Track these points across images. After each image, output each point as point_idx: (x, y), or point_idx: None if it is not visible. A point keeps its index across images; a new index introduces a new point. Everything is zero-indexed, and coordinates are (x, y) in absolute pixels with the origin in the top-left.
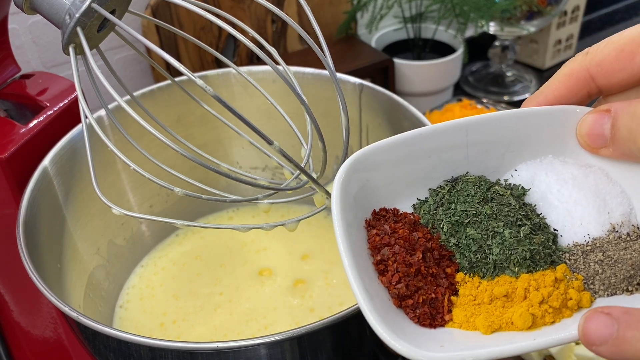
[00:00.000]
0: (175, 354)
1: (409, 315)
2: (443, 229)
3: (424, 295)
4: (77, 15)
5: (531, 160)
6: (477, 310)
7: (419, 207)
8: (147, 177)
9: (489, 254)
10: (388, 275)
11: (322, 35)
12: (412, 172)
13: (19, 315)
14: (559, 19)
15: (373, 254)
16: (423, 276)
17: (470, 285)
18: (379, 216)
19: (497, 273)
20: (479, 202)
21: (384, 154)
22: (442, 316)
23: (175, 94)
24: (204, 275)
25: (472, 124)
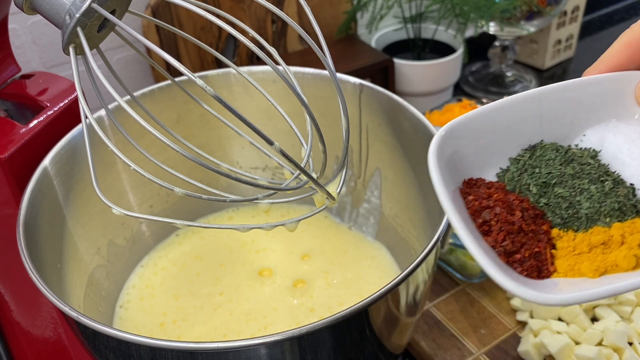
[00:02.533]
0: (175, 354)
1: (517, 269)
2: (532, 191)
3: (529, 250)
4: (77, 15)
5: (597, 125)
6: (579, 259)
7: (502, 175)
8: (147, 177)
9: (579, 208)
10: (493, 235)
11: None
12: (494, 143)
13: (19, 315)
14: (558, 19)
15: (474, 217)
16: (525, 233)
17: (567, 239)
18: (470, 184)
19: (590, 225)
20: (560, 164)
21: (469, 126)
22: (547, 268)
23: (176, 94)
24: (204, 275)
25: (544, 93)
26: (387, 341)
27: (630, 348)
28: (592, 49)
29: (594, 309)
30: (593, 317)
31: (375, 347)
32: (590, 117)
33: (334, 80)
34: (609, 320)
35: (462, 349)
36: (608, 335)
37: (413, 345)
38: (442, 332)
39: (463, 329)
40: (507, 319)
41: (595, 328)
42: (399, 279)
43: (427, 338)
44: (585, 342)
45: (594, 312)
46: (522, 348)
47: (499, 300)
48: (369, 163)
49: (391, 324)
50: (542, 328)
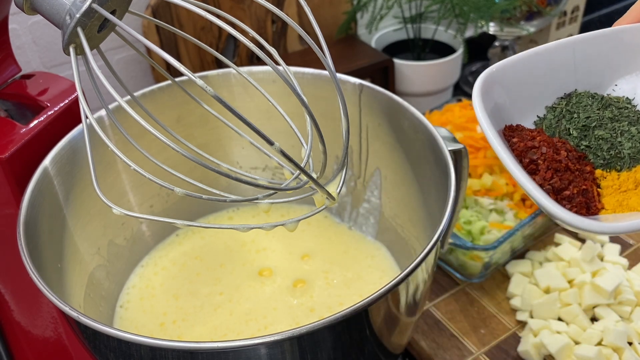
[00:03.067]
0: (175, 353)
1: (566, 206)
2: (572, 134)
3: (577, 187)
4: (78, 15)
5: (628, 75)
6: (626, 195)
7: (540, 123)
8: (148, 177)
9: (621, 149)
10: (541, 173)
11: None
12: (530, 90)
13: (19, 315)
14: (558, 19)
15: (521, 158)
16: (571, 171)
17: (611, 178)
18: (511, 129)
19: (633, 164)
20: (598, 109)
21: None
22: (595, 204)
23: (176, 94)
24: (204, 275)
25: (578, 41)
26: (387, 341)
27: (629, 348)
28: None
29: (594, 309)
30: (593, 317)
31: (375, 347)
32: (622, 66)
33: (334, 80)
34: (609, 320)
35: (462, 348)
36: (608, 335)
37: (413, 345)
38: (442, 331)
39: (463, 328)
40: (507, 318)
41: (594, 328)
42: (399, 279)
43: (427, 338)
44: (585, 342)
45: (593, 312)
46: (521, 348)
47: (499, 300)
48: (369, 163)
49: (391, 324)
50: (541, 328)
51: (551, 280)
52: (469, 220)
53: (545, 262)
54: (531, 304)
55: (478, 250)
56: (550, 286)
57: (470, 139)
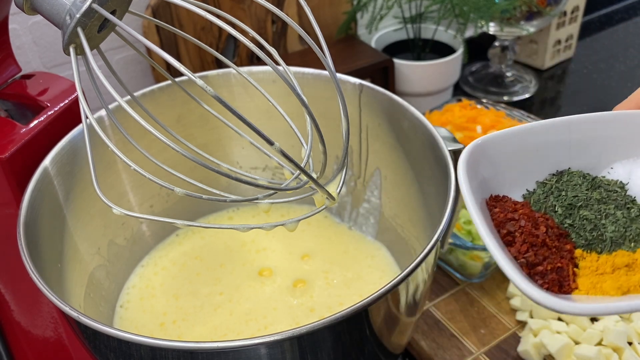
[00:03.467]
0: (176, 353)
1: (539, 282)
2: (557, 212)
3: (552, 264)
4: (78, 15)
5: (625, 160)
6: (602, 279)
7: (528, 196)
8: (148, 177)
9: (604, 231)
10: (517, 246)
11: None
12: (522, 164)
13: (19, 315)
14: (558, 19)
15: (499, 228)
16: (548, 247)
17: (590, 259)
18: (496, 199)
19: (614, 248)
20: (587, 189)
21: (501, 143)
22: (568, 284)
23: (176, 94)
24: (204, 275)
25: (574, 121)
26: (387, 341)
27: (629, 348)
28: (591, 49)
29: None
30: (593, 317)
31: (375, 347)
32: (619, 150)
33: (334, 81)
34: (609, 320)
35: (462, 348)
36: (607, 335)
37: (413, 345)
38: (441, 331)
39: (463, 328)
40: (507, 318)
41: (594, 328)
42: (399, 279)
43: (427, 338)
44: (585, 341)
45: None
46: (521, 348)
47: (499, 300)
48: (369, 163)
49: (391, 324)
50: (541, 328)
51: None
52: (469, 220)
53: None
54: (531, 304)
55: (478, 250)
56: None
57: (470, 139)
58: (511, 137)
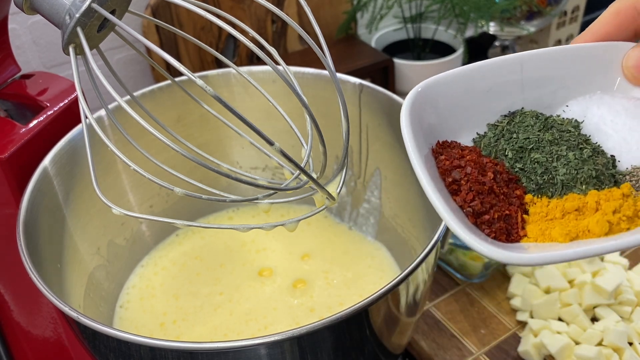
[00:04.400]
0: (175, 354)
1: (485, 231)
2: (507, 155)
3: (499, 212)
4: (77, 15)
5: (581, 97)
6: (551, 224)
7: (479, 140)
8: (147, 177)
9: (555, 174)
10: (462, 194)
11: (322, 35)
12: (471, 107)
13: (19, 315)
14: (558, 19)
15: (444, 177)
16: (496, 194)
17: (540, 205)
18: (443, 146)
19: (565, 192)
20: (539, 130)
21: (446, 86)
22: (517, 231)
23: (176, 94)
24: (204, 275)
25: (526, 58)
26: (387, 341)
27: (630, 348)
28: None
29: (594, 309)
30: (593, 317)
31: (375, 347)
32: (575, 87)
33: (334, 80)
34: (609, 320)
35: (462, 349)
36: (608, 335)
37: (413, 345)
38: (442, 332)
39: (463, 329)
40: (507, 319)
41: (595, 328)
42: (399, 279)
43: (427, 338)
44: (585, 342)
45: (593, 312)
46: (522, 348)
47: (499, 300)
48: (369, 163)
49: (391, 324)
50: (542, 328)
51: (551, 281)
52: None
53: None
54: (531, 304)
55: None
56: (551, 286)
57: None
58: (457, 79)
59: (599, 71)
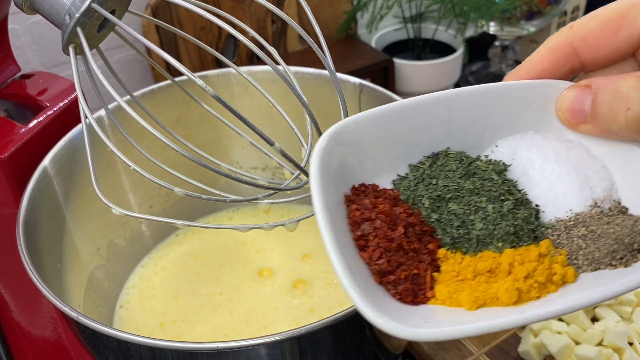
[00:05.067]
0: (175, 354)
1: (391, 291)
2: (424, 204)
3: (406, 271)
4: (77, 15)
5: (512, 136)
6: (460, 287)
7: (398, 183)
8: (147, 177)
9: (471, 229)
10: (369, 251)
11: (322, 35)
12: (393, 147)
13: (19, 315)
14: (559, 19)
15: (353, 229)
16: (405, 252)
17: (453, 262)
18: (358, 191)
19: (480, 248)
20: (460, 177)
21: (364, 127)
22: (424, 292)
23: (176, 94)
24: (204, 275)
25: (454, 97)
26: (387, 341)
27: (630, 348)
28: None
29: (594, 309)
30: (593, 317)
31: (375, 347)
32: (505, 126)
33: (334, 80)
34: (609, 320)
35: (462, 349)
36: (608, 336)
37: (413, 345)
38: None
39: None
40: None
41: (595, 328)
42: None
43: None
44: (586, 342)
45: (594, 312)
46: (522, 348)
47: None
48: None
49: None
50: (542, 328)
51: None
52: None
53: None
54: None
55: None
56: None
57: None
58: (377, 119)
59: (532, 111)
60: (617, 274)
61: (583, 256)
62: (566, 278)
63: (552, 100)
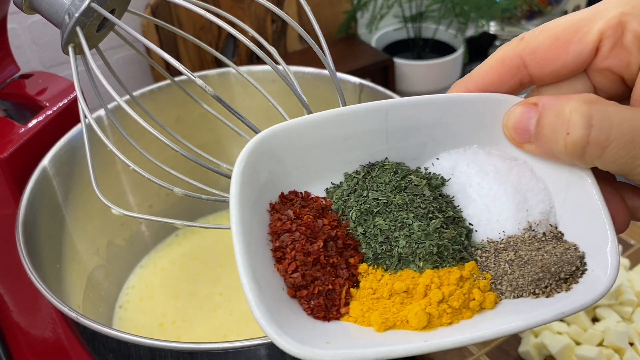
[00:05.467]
0: (175, 354)
1: (303, 306)
2: (352, 217)
3: (321, 286)
4: (77, 14)
5: (455, 149)
6: (374, 305)
7: (332, 191)
8: (147, 177)
9: (395, 246)
10: (285, 264)
11: (322, 35)
12: (328, 155)
13: (18, 315)
14: None
15: (272, 239)
16: (322, 266)
17: (372, 278)
18: (286, 200)
19: (402, 266)
20: (391, 191)
21: (296, 134)
22: (337, 309)
23: (175, 94)
24: (204, 276)
25: (392, 107)
26: None
27: (630, 348)
28: None
29: (595, 310)
30: (594, 318)
31: None
32: (448, 139)
33: (334, 80)
34: (610, 320)
35: (463, 349)
36: (609, 336)
37: None
38: None
39: None
40: None
41: (595, 328)
42: None
43: None
44: (586, 342)
45: (594, 313)
46: (522, 348)
47: None
48: None
49: None
50: (542, 328)
51: None
52: None
53: None
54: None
55: None
56: None
57: None
58: (310, 126)
59: (477, 124)
60: (538, 303)
61: (507, 282)
62: (485, 304)
63: (498, 114)
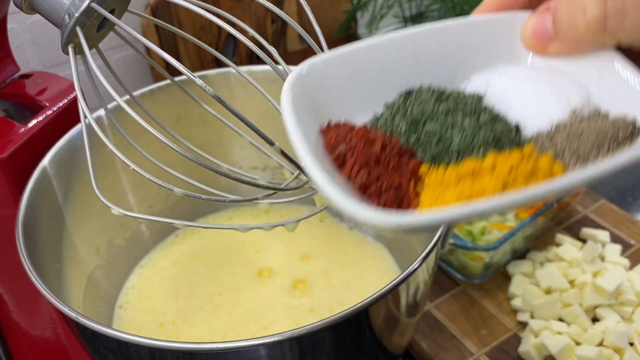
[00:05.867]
0: (175, 354)
1: (375, 202)
2: (402, 130)
3: (387, 182)
4: (77, 14)
5: (483, 69)
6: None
7: (375, 121)
8: (147, 177)
9: (450, 143)
10: (347, 167)
11: (322, 35)
12: (365, 86)
13: (18, 315)
14: None
15: (331, 152)
16: (385, 165)
17: (436, 174)
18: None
19: (460, 158)
20: (434, 103)
21: (334, 66)
22: (408, 201)
23: (175, 94)
24: (204, 276)
25: (418, 34)
26: (388, 342)
27: (631, 348)
28: None
29: (595, 310)
30: (594, 318)
31: (376, 348)
32: (475, 61)
33: None
34: (610, 320)
35: (463, 349)
36: (609, 336)
37: (413, 346)
38: (442, 332)
39: (463, 329)
40: (508, 319)
41: (595, 328)
42: (400, 279)
43: (428, 338)
44: (586, 342)
45: (594, 313)
46: (522, 348)
47: (500, 300)
48: None
49: (391, 325)
50: (542, 328)
51: (552, 281)
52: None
53: (546, 263)
54: (532, 304)
55: (479, 250)
56: (551, 287)
57: None
58: (346, 58)
59: (499, 44)
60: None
61: (569, 154)
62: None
63: (517, 31)
